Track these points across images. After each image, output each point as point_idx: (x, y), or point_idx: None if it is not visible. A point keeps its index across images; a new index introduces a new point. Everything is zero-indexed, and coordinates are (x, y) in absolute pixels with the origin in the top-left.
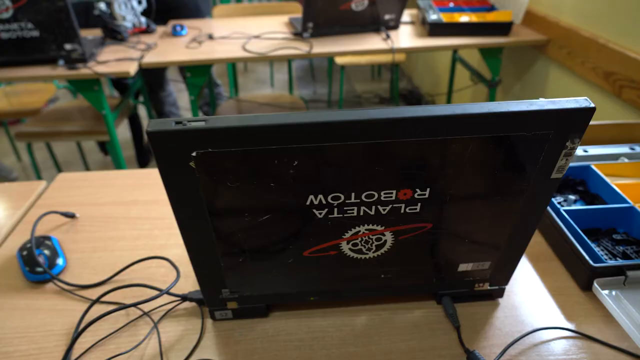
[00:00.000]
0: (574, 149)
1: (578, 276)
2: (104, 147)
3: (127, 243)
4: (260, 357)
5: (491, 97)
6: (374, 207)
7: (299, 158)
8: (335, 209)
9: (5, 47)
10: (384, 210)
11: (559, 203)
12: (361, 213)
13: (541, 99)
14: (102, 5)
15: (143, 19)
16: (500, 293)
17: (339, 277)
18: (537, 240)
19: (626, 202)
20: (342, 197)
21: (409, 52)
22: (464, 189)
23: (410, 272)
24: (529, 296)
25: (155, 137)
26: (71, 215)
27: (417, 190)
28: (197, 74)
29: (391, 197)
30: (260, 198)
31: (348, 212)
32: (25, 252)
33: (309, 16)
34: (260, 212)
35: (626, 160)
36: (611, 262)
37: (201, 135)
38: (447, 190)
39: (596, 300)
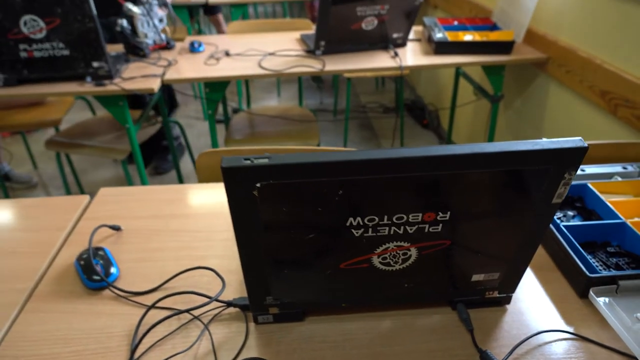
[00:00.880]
0: (571, 179)
1: (576, 285)
2: None
3: (170, 254)
4: (299, 356)
5: (494, 112)
6: (402, 227)
7: (343, 188)
8: (370, 229)
9: (38, 64)
10: (410, 229)
11: (558, 218)
12: (392, 232)
13: (544, 139)
14: (124, 22)
15: (163, 36)
16: (508, 300)
17: (368, 286)
18: (539, 252)
19: (619, 218)
20: (377, 219)
21: (415, 69)
22: (479, 212)
23: (430, 282)
24: (533, 303)
25: (228, 171)
26: (117, 228)
27: (440, 213)
28: (215, 90)
29: (418, 219)
30: (308, 220)
31: (380, 231)
32: (82, 262)
33: (322, 35)
34: (307, 231)
35: (619, 179)
36: (605, 273)
37: (265, 170)
38: (464, 213)
39: (592, 307)
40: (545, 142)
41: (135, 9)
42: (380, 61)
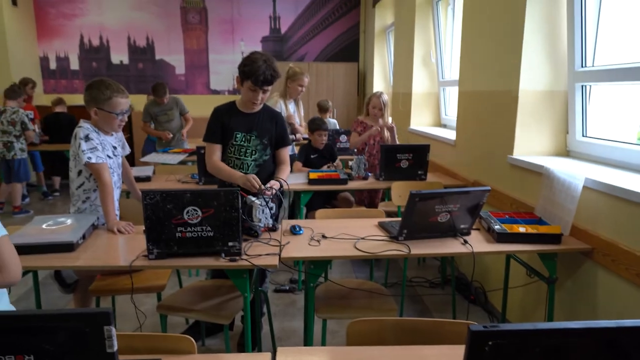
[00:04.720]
0: None
1: None
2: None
3: None
4: None
5: (550, 293)
6: None
7: (538, 345)
8: None
9: (187, 242)
10: None
11: None
12: None
13: None
14: None
15: (271, 220)
16: None
17: None
18: None
19: None
20: None
21: (485, 255)
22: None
23: None
24: None
25: (474, 334)
26: None
27: None
28: (318, 267)
29: None
30: None
31: None
32: None
33: (406, 225)
34: None
35: None
36: None
37: (497, 334)
38: None
39: None
40: None
41: (256, 200)
42: (454, 247)
